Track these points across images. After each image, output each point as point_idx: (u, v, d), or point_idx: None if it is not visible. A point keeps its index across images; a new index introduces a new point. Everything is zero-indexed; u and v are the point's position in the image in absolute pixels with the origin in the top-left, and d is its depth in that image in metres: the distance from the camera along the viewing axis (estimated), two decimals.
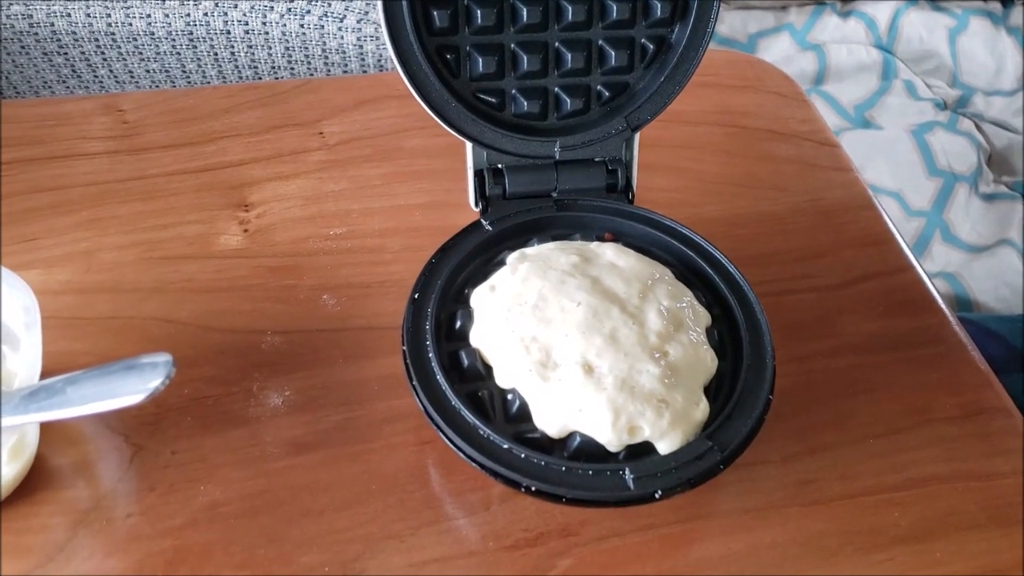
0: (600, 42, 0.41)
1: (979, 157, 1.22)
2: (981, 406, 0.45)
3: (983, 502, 0.40)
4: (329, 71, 0.73)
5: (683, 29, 0.41)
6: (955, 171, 1.18)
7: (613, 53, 0.41)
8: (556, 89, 0.42)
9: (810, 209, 0.54)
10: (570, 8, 0.40)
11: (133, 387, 0.31)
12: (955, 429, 0.43)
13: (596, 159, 0.44)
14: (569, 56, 0.41)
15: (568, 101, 0.42)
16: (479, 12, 0.39)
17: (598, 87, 0.43)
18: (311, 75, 0.74)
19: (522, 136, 0.43)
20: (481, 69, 0.41)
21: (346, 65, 0.73)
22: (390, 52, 0.39)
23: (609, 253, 0.40)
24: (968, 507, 0.40)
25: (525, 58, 0.41)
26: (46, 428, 0.40)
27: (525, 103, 0.42)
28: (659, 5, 0.40)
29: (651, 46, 0.42)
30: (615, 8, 0.40)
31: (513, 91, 0.42)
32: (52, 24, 0.67)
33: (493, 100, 0.42)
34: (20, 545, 0.36)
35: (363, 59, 0.73)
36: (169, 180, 0.52)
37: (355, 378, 0.43)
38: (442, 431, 0.35)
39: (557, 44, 0.41)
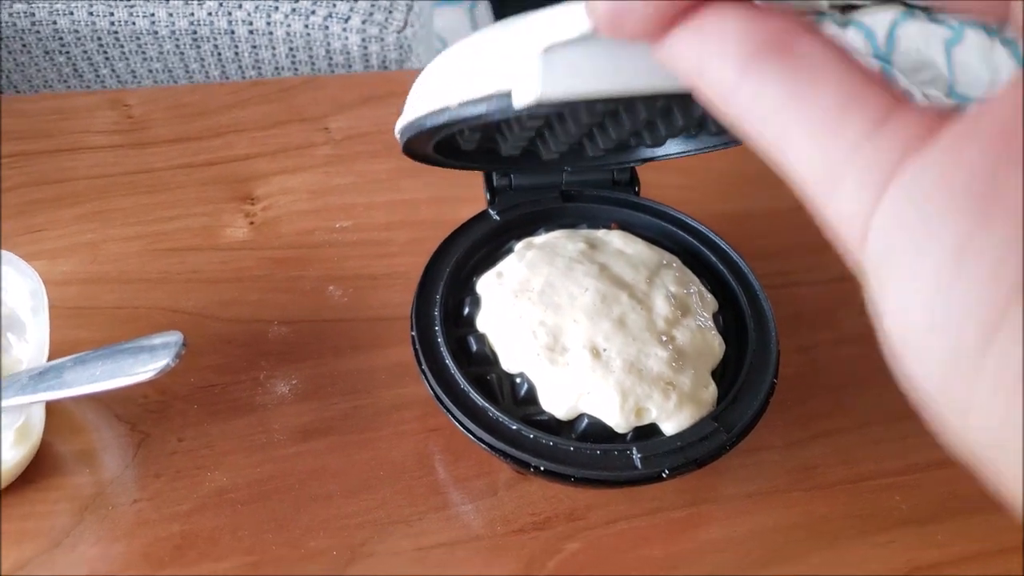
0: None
1: None
2: None
3: (982, 487, 0.41)
4: (333, 71, 0.74)
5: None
6: None
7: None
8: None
9: None
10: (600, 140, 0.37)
11: (142, 366, 0.31)
12: None
13: None
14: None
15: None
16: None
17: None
18: (316, 75, 0.74)
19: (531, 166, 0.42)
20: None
21: (350, 66, 0.74)
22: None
23: (616, 240, 0.41)
24: (967, 491, 0.40)
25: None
26: (52, 415, 0.40)
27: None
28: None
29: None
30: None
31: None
32: (55, 22, 0.68)
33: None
34: (25, 530, 0.36)
35: (367, 60, 0.73)
36: (175, 174, 0.52)
37: (362, 367, 0.43)
38: (451, 413, 0.35)
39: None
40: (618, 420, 0.34)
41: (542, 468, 0.33)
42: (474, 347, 0.38)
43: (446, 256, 0.41)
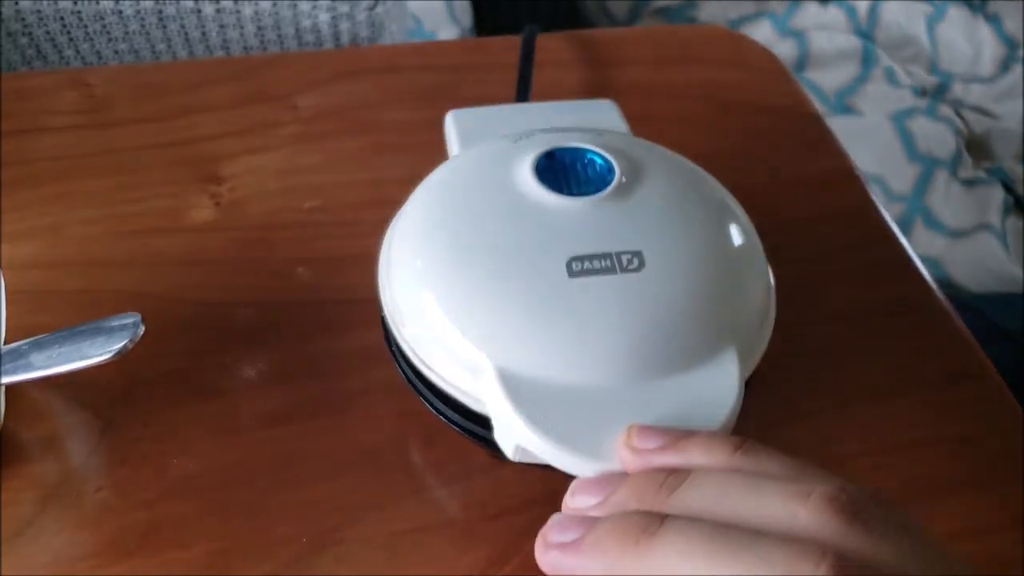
0: None
1: (958, 143, 1.23)
2: (964, 372, 0.44)
3: (965, 465, 0.40)
4: (303, 50, 0.72)
5: None
6: (935, 156, 1.19)
7: None
8: None
9: (793, 181, 0.54)
10: None
11: (99, 348, 0.30)
12: (938, 394, 0.43)
13: None
14: None
15: None
16: None
17: None
18: (283, 52, 0.73)
19: None
20: None
21: (320, 45, 0.72)
22: None
23: None
24: (950, 470, 0.40)
25: None
26: (13, 402, 0.39)
27: None
28: None
29: None
30: None
31: None
32: (16, 2, 0.66)
33: None
34: None
35: (338, 39, 0.72)
36: (138, 154, 0.50)
37: (332, 350, 0.42)
38: (423, 396, 0.34)
39: None
40: None
41: None
42: None
43: None
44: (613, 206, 0.34)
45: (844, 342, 0.45)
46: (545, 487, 0.37)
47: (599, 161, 0.36)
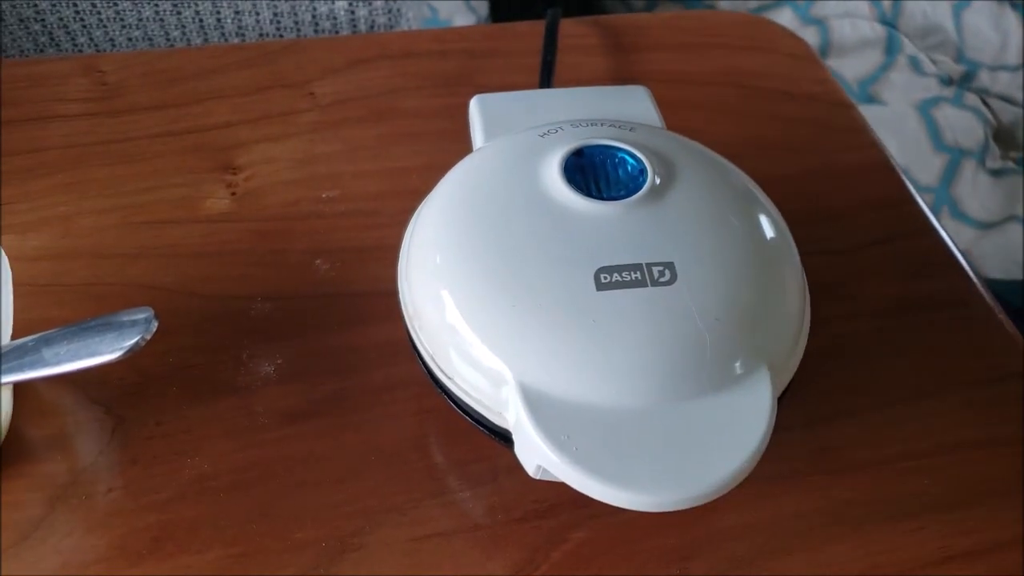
0: None
1: (986, 132, 1.20)
2: (1010, 369, 0.42)
3: (1015, 468, 0.38)
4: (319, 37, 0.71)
5: None
6: (962, 146, 1.16)
7: None
8: None
9: (825, 171, 0.52)
10: None
11: (110, 345, 0.29)
12: (984, 393, 0.41)
13: None
14: None
15: None
16: None
17: None
18: (299, 39, 0.71)
19: None
20: None
21: (336, 31, 0.71)
22: None
23: None
24: (999, 473, 0.38)
25: None
26: (21, 398, 0.37)
27: None
28: None
29: None
30: None
31: None
32: None
33: None
34: None
35: (355, 25, 0.70)
36: (152, 142, 0.49)
37: (350, 345, 0.40)
38: (447, 393, 0.33)
39: None
40: None
41: None
42: None
43: None
44: (644, 211, 0.32)
45: (885, 338, 0.43)
46: (573, 490, 0.36)
47: (631, 161, 0.34)
